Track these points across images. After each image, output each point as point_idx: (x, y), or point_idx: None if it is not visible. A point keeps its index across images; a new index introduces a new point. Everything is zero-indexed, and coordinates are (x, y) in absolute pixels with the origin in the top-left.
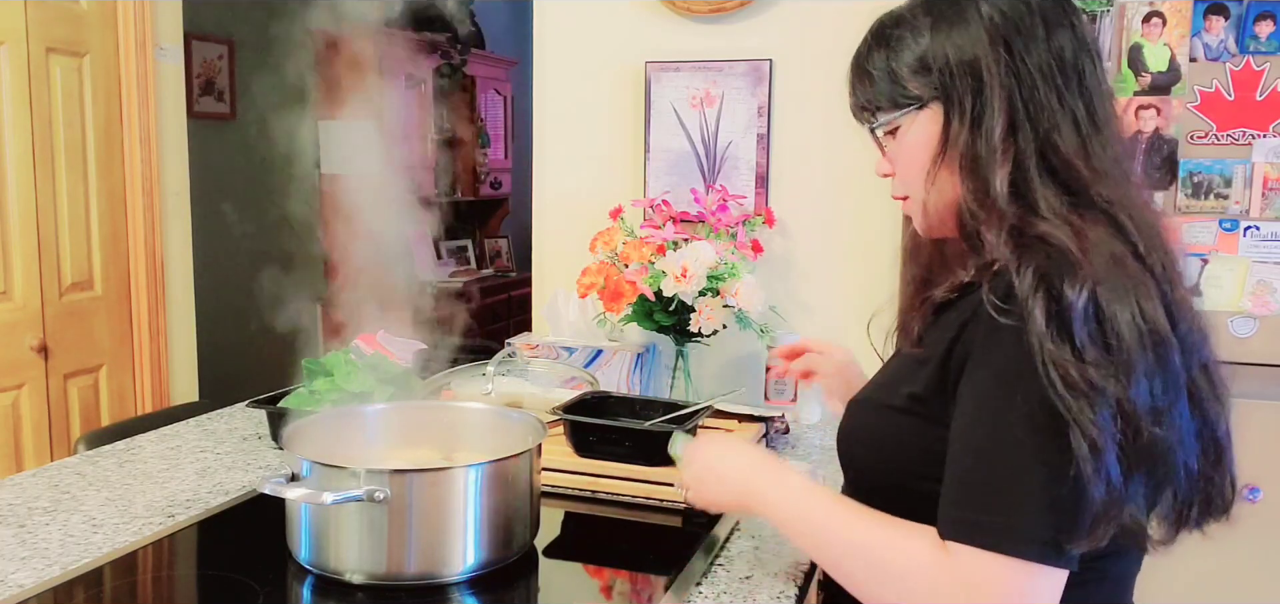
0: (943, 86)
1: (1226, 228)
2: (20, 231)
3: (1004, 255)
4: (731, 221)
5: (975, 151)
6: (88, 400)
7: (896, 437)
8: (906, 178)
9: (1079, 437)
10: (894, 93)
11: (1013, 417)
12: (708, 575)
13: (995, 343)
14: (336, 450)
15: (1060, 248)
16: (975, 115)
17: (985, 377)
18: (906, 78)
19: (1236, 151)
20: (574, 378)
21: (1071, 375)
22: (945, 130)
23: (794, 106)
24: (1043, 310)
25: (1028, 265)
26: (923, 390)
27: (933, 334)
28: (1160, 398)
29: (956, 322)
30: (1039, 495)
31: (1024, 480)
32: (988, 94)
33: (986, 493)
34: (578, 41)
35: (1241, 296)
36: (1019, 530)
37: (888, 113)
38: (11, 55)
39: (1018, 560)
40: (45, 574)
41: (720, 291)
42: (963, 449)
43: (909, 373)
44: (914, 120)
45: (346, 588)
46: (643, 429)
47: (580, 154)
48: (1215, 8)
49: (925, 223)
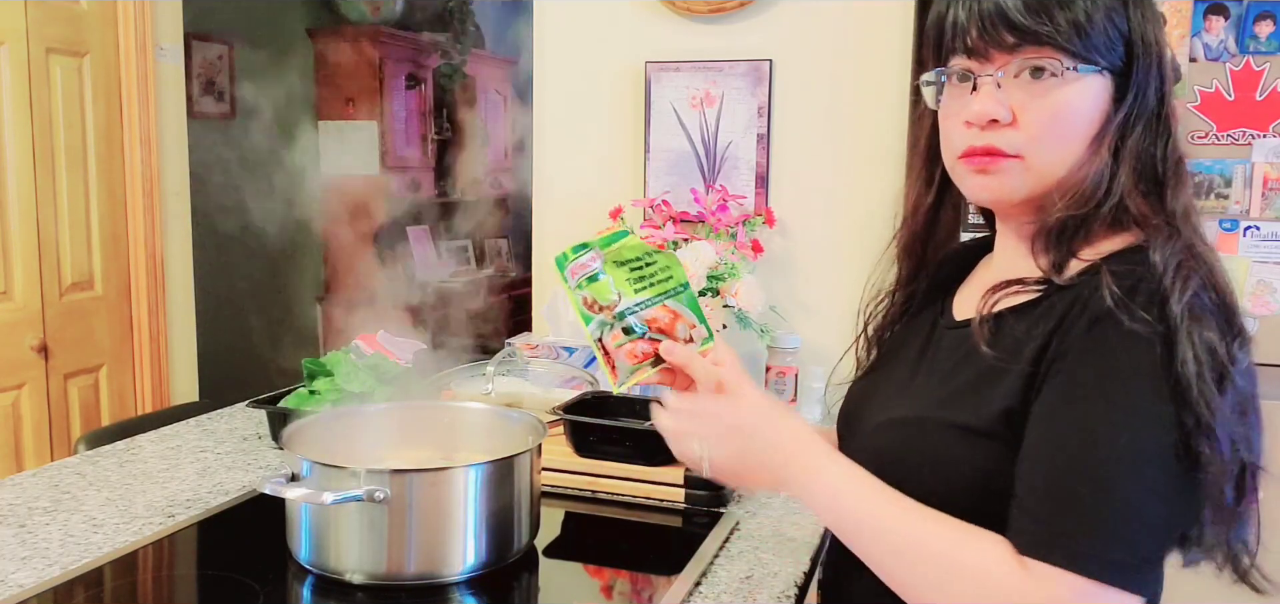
0: (1136, 60)
1: (1226, 228)
2: (20, 231)
3: (1166, 265)
4: (731, 221)
5: (1151, 149)
6: (88, 400)
7: (975, 463)
8: (1043, 139)
9: (1212, 455)
10: (1089, 38)
11: (1117, 421)
12: (708, 575)
13: (1103, 345)
14: (336, 450)
15: (1219, 280)
16: (1155, 106)
17: (1087, 379)
18: (1106, 30)
19: (1236, 151)
20: (574, 378)
21: (1219, 399)
22: (1115, 108)
23: (794, 106)
24: (1213, 330)
25: (1191, 281)
26: (1012, 405)
27: (1005, 336)
28: (1255, 436)
29: (1043, 323)
30: (1138, 517)
31: (1123, 499)
32: (1167, 85)
33: (1080, 509)
34: (578, 41)
35: (1241, 297)
36: (1112, 555)
37: (1066, 57)
38: (11, 55)
39: (1105, 587)
40: (45, 574)
41: (720, 291)
42: (1052, 455)
43: (983, 384)
44: (1088, 82)
45: (346, 588)
46: (643, 429)
47: (580, 154)
48: (1215, 8)
49: (1028, 192)
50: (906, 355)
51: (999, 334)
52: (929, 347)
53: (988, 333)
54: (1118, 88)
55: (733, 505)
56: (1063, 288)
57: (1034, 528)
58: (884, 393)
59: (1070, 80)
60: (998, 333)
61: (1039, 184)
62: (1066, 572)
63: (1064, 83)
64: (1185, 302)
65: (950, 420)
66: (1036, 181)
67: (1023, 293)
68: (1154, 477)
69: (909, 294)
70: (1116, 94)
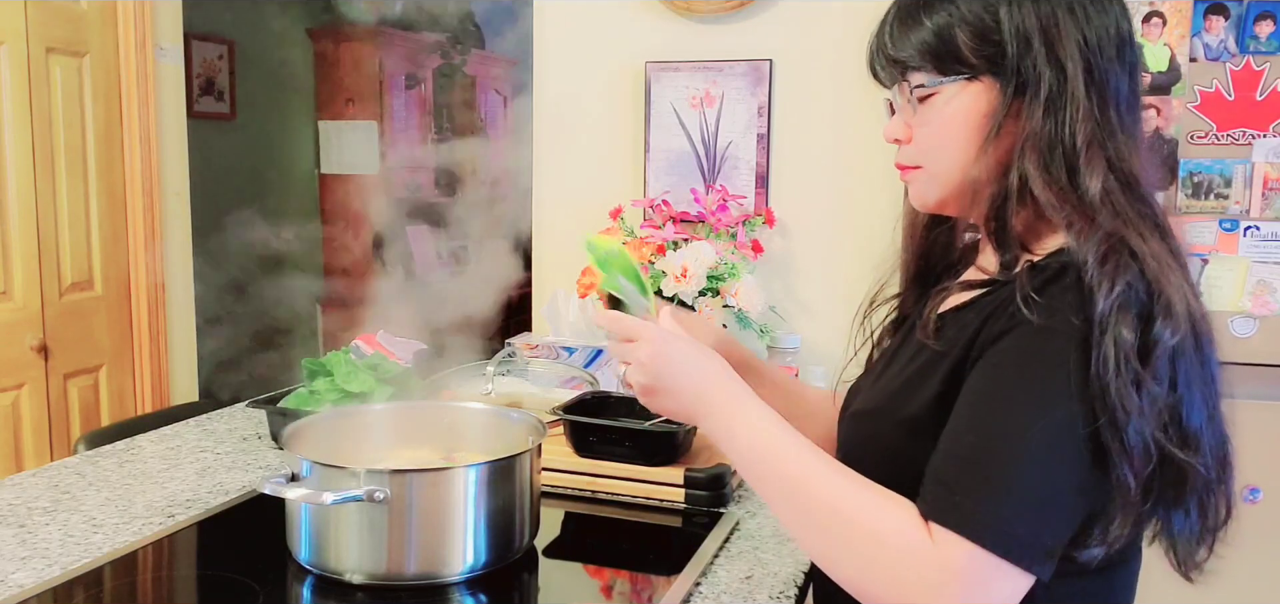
0: (1012, 57)
1: (1226, 228)
2: (20, 231)
3: (1086, 254)
4: (731, 221)
5: (1055, 138)
6: (88, 400)
7: (918, 455)
8: (932, 149)
9: (1120, 451)
10: (944, 54)
11: (1030, 408)
12: (708, 575)
13: (1026, 335)
14: (336, 450)
15: (1151, 275)
16: (1053, 94)
17: (1006, 362)
18: (965, 41)
19: (1236, 151)
20: (574, 378)
21: (1134, 399)
22: (1007, 107)
23: (794, 106)
24: (1132, 329)
25: (1120, 276)
26: (943, 389)
27: (948, 331)
28: (1204, 431)
29: (977, 317)
30: (1042, 500)
31: (1029, 481)
32: (1071, 69)
33: (985, 480)
34: (578, 41)
35: (1241, 296)
36: (1014, 529)
37: (929, 75)
38: (11, 55)
39: (1001, 560)
40: (45, 574)
41: (720, 291)
42: (965, 427)
43: (923, 375)
44: (962, 89)
45: (346, 588)
46: (643, 429)
47: (580, 154)
48: (1215, 8)
49: (938, 198)
50: (888, 353)
51: (943, 331)
52: (903, 344)
53: (933, 330)
54: (1016, 86)
55: (733, 505)
56: (1003, 284)
57: (940, 494)
58: (863, 389)
59: (949, 92)
60: (942, 330)
61: (945, 188)
62: (965, 539)
63: (940, 96)
64: (1111, 300)
65: (897, 414)
66: (942, 187)
67: (969, 291)
68: (1061, 468)
69: (902, 303)
70: (1014, 91)
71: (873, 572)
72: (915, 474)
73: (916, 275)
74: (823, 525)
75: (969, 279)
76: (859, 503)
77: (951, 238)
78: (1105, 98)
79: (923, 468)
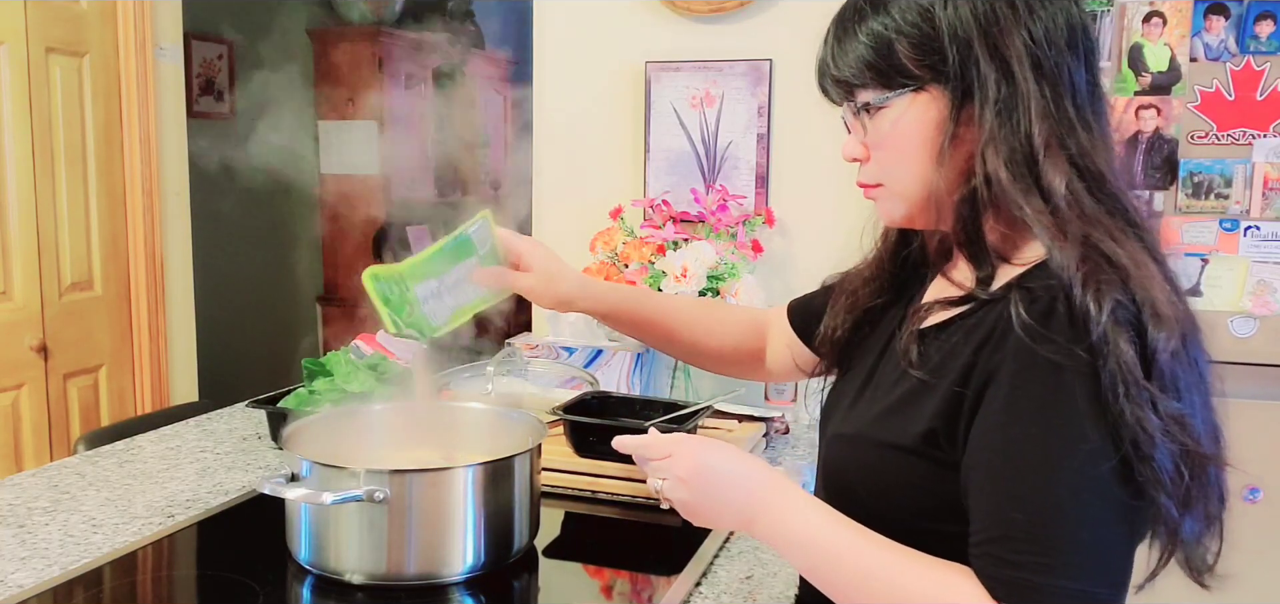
0: (954, 62)
1: (1227, 228)
2: (20, 231)
3: (1067, 270)
4: (731, 221)
5: (1012, 140)
6: (88, 400)
7: (905, 481)
8: (890, 166)
9: (1154, 478)
10: (886, 68)
11: (1068, 463)
12: (708, 575)
13: (1033, 375)
14: (336, 450)
15: (1133, 283)
16: (1002, 95)
17: (1024, 409)
18: (904, 52)
19: (1237, 151)
20: (574, 378)
21: (1152, 419)
22: (957, 114)
23: (794, 106)
24: (1130, 345)
25: (1107, 293)
26: (935, 425)
27: (932, 353)
28: (1205, 426)
29: (968, 341)
30: (1101, 545)
31: (1084, 533)
32: (1017, 68)
33: (1045, 550)
34: (578, 41)
35: (1241, 296)
36: (1087, 589)
37: (875, 91)
38: (11, 55)
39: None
40: (45, 574)
41: (720, 291)
42: (1009, 499)
43: (909, 402)
44: (911, 102)
45: (346, 588)
46: (643, 429)
47: (580, 154)
48: (1215, 8)
49: (904, 214)
50: (865, 365)
51: (925, 352)
52: (882, 359)
53: (914, 352)
54: (963, 91)
55: None
56: (988, 301)
57: (1002, 572)
58: (841, 405)
59: (898, 106)
60: (924, 351)
61: (909, 204)
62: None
63: (890, 111)
64: (1105, 320)
65: (881, 439)
66: (907, 203)
67: (950, 308)
68: (1105, 507)
69: (867, 303)
70: (962, 97)
71: None
72: (899, 497)
73: (892, 280)
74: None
75: (947, 297)
76: (923, 587)
77: (923, 253)
78: (1060, 92)
79: (912, 487)
